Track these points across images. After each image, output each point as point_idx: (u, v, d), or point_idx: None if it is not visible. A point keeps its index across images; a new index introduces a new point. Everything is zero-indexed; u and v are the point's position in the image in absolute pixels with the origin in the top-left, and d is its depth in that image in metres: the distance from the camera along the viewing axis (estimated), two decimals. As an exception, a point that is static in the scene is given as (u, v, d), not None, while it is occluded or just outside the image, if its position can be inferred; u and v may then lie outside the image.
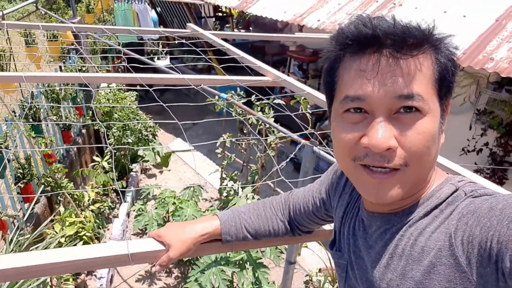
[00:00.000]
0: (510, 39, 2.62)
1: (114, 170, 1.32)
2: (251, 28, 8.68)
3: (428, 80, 0.58)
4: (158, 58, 8.05)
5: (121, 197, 4.36)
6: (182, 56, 6.81)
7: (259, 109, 3.55)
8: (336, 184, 0.87)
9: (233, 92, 3.60)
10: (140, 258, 0.91)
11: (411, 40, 0.57)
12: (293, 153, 1.71)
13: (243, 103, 3.69)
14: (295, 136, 1.58)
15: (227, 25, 8.92)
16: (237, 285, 2.84)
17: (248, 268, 2.86)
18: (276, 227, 0.98)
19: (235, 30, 8.59)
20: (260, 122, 3.60)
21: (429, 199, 0.63)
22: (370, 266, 0.69)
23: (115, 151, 4.26)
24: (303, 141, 1.54)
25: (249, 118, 3.63)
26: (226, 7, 8.17)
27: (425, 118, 0.57)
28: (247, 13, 4.53)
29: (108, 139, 4.38)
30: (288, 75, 4.13)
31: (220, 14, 8.89)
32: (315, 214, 0.94)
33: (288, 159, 1.60)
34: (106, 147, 4.45)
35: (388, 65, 0.56)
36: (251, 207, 1.00)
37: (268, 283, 2.87)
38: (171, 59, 7.80)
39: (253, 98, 3.69)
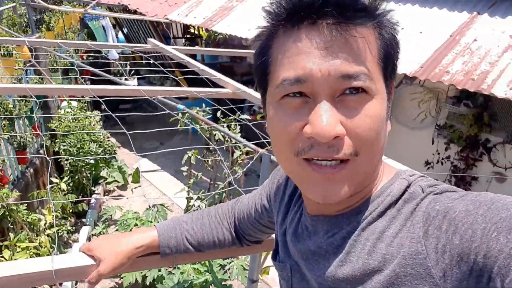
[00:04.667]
0: (463, 53, 2.71)
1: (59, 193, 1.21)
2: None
3: (374, 57, 0.51)
4: (126, 79, 7.92)
5: (81, 221, 4.15)
6: (149, 76, 6.74)
7: (225, 126, 3.49)
8: (276, 188, 0.79)
9: (198, 108, 3.54)
10: (66, 274, 0.82)
11: (354, 10, 0.49)
12: (249, 164, 1.65)
13: (209, 119, 3.63)
14: (252, 145, 1.52)
15: (197, 47, 8.95)
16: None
17: (212, 290, 2.74)
18: (222, 237, 0.90)
19: (205, 51, 8.62)
20: (226, 139, 3.54)
21: (380, 196, 0.56)
22: (319, 277, 0.60)
23: (72, 173, 4.06)
24: (261, 151, 1.48)
25: (215, 135, 3.57)
26: (195, 28, 8.20)
27: (373, 100, 0.51)
28: (214, 33, 4.53)
29: (66, 160, 4.18)
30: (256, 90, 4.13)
31: (189, 35, 8.90)
32: (258, 221, 0.87)
33: (245, 168, 1.53)
34: (63, 168, 4.25)
35: (330, 39, 0.48)
36: (194, 216, 0.92)
37: (236, 306, 2.75)
38: (138, 79, 7.70)
39: (218, 114, 3.65)
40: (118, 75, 7.43)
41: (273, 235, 0.98)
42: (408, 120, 3.85)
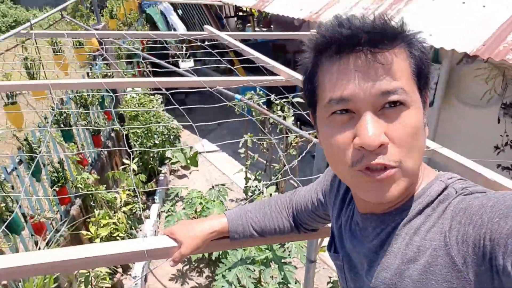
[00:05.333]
0: (533, 26, 2.52)
1: (131, 172, 1.40)
2: (272, 26, 8.70)
3: (407, 73, 0.59)
4: (183, 61, 8.24)
5: (151, 199, 4.52)
6: (204, 58, 6.95)
7: (278, 108, 3.58)
8: (330, 186, 0.88)
9: (253, 92, 3.65)
10: (154, 254, 0.97)
11: (386, 36, 0.58)
12: (307, 150, 1.73)
13: (263, 102, 3.74)
14: (306, 134, 1.61)
15: (248, 24, 8.97)
16: (263, 283, 2.90)
17: (274, 268, 2.91)
18: (282, 226, 1.01)
19: (257, 28, 8.64)
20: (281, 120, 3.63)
21: (420, 197, 0.64)
22: (367, 266, 0.69)
23: (141, 154, 4.41)
24: (314, 140, 1.57)
25: (269, 118, 3.67)
26: (246, 7, 8.23)
27: (410, 110, 0.58)
28: (264, 12, 4.58)
29: (135, 142, 4.55)
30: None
31: (241, 13, 8.95)
32: (314, 213, 0.96)
33: (299, 157, 1.63)
34: (132, 149, 4.62)
35: (367, 62, 0.57)
36: (257, 206, 1.04)
37: (296, 282, 2.90)
38: (194, 61, 7.96)
39: (272, 97, 3.74)
40: (176, 57, 7.75)
41: (329, 224, 1.08)
42: (471, 99, 3.65)
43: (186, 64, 8.38)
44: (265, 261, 2.83)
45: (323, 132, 0.65)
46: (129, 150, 1.46)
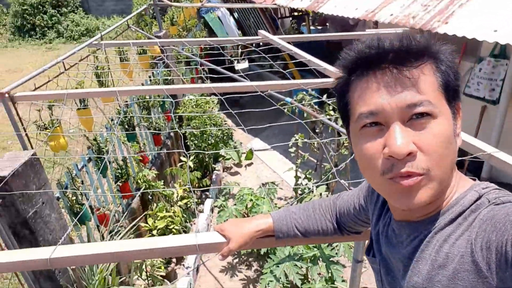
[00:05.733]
0: None
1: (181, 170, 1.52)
2: (327, 24, 8.61)
3: (433, 86, 0.62)
4: (238, 62, 8.46)
5: (205, 194, 4.72)
6: (260, 63, 7.09)
7: (330, 108, 3.58)
8: (371, 192, 0.92)
9: (304, 92, 3.68)
10: (205, 248, 1.07)
11: (412, 52, 0.62)
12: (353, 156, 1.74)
13: (315, 102, 3.76)
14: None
15: (303, 24, 8.94)
16: (310, 279, 2.93)
17: (321, 265, 2.94)
18: (325, 227, 1.06)
19: (312, 27, 8.59)
20: (332, 121, 3.63)
21: (454, 207, 0.66)
22: (402, 271, 0.73)
23: (197, 152, 4.63)
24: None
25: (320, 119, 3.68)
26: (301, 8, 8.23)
27: (437, 120, 0.61)
28: (319, 13, 4.58)
29: (192, 141, 4.78)
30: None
31: (296, 13, 8.95)
32: (357, 217, 1.00)
33: (352, 156, 1.65)
34: (189, 147, 4.86)
35: (394, 78, 0.61)
36: (301, 208, 1.10)
37: (343, 281, 2.91)
38: (249, 62, 8.13)
39: (324, 98, 3.76)
40: (232, 58, 7.97)
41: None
42: None
43: (241, 66, 8.60)
44: (312, 258, 2.87)
45: (356, 144, 0.69)
46: (186, 153, 1.58)
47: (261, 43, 3.24)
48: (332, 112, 3.51)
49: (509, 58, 3.54)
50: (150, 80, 4.34)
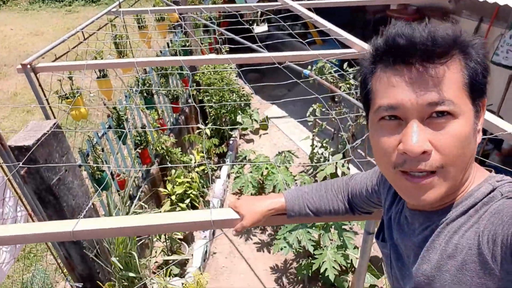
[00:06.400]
0: None
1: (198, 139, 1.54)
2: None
3: (458, 84, 0.61)
4: (257, 24, 8.25)
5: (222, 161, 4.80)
6: (279, 24, 6.90)
7: (351, 77, 3.50)
8: (385, 178, 0.92)
9: (325, 61, 3.59)
10: (220, 224, 1.11)
11: (439, 49, 0.59)
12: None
13: (335, 71, 3.68)
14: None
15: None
16: (322, 246, 3.01)
17: (333, 232, 3.01)
18: (337, 207, 1.08)
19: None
20: (352, 91, 3.56)
21: (467, 199, 0.66)
22: (412, 258, 0.74)
23: (214, 119, 4.66)
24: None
25: (340, 87, 3.61)
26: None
27: (457, 120, 0.60)
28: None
29: (210, 108, 4.80)
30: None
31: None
32: (369, 199, 1.02)
33: (362, 139, 1.64)
34: (208, 115, 4.88)
35: (418, 74, 0.60)
36: (313, 188, 1.12)
37: (355, 247, 2.98)
38: (268, 25, 7.92)
39: (345, 65, 3.66)
40: (251, 21, 7.79)
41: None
42: None
43: (260, 28, 8.41)
44: (325, 226, 2.93)
45: (373, 134, 0.70)
46: (201, 126, 1.59)
47: (281, 21, 3.14)
48: (352, 81, 3.44)
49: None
50: (169, 47, 4.31)
